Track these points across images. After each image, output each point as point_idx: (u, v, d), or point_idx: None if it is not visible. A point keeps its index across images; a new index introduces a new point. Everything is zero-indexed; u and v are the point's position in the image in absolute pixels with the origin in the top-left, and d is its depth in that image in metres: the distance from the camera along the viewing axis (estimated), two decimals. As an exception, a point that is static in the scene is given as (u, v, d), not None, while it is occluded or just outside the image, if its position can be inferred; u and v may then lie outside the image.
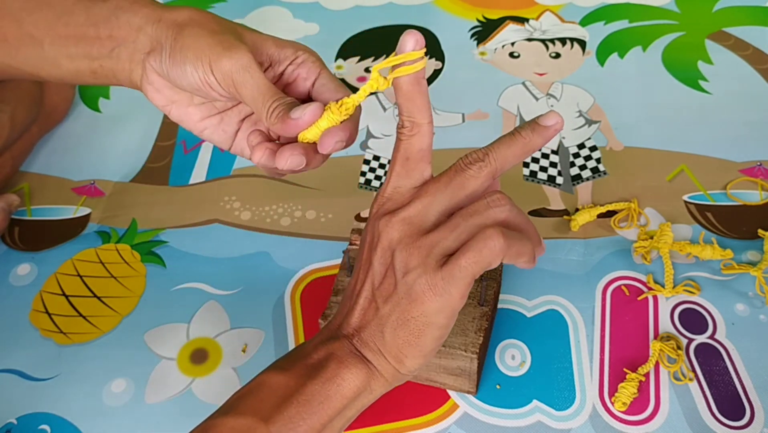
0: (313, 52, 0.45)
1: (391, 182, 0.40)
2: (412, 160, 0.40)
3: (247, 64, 0.40)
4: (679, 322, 0.55)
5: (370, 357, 0.39)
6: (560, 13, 0.83)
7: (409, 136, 0.39)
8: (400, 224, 0.38)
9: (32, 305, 0.58)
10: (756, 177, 0.64)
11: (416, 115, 0.39)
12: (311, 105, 0.39)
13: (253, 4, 0.86)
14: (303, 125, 0.39)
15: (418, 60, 0.38)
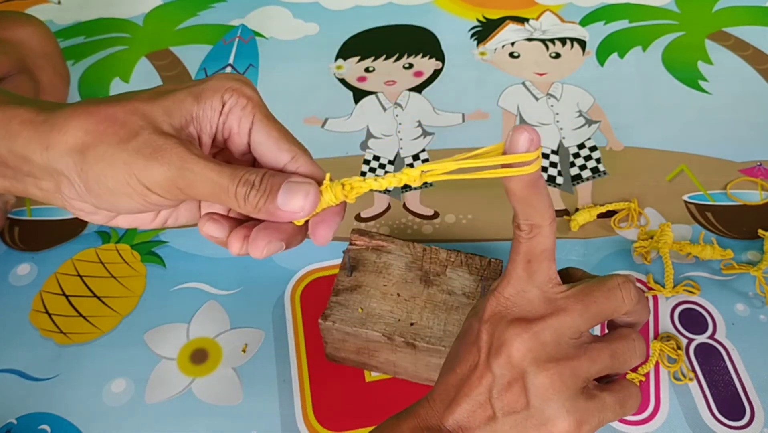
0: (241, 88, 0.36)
1: (512, 284, 0.36)
2: (535, 262, 0.36)
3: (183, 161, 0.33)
4: (679, 322, 0.55)
5: None
6: (560, 13, 0.83)
7: (528, 239, 0.35)
8: (535, 341, 0.35)
9: (32, 305, 0.58)
10: (756, 177, 0.64)
11: (535, 219, 0.35)
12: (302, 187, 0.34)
13: (253, 4, 0.86)
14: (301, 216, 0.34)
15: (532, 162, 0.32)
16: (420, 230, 0.62)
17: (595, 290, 0.36)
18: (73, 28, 0.84)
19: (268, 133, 0.36)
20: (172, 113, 0.34)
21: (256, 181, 0.34)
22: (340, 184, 0.34)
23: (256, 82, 0.77)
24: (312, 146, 0.72)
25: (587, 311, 0.35)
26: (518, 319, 0.35)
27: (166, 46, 0.81)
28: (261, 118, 0.36)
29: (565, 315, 0.35)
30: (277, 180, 0.34)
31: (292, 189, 0.34)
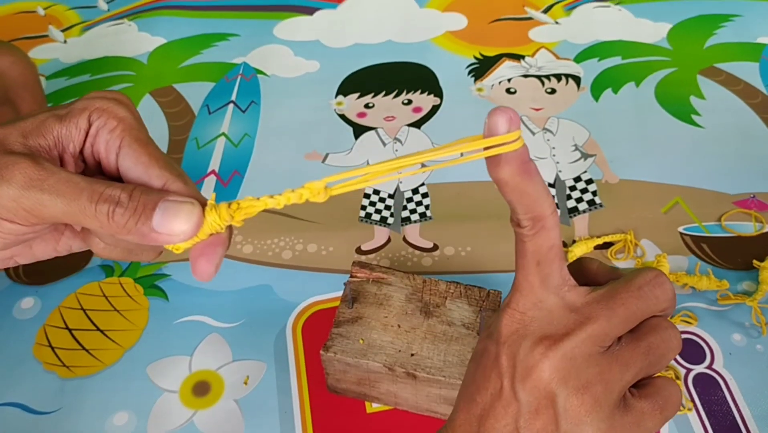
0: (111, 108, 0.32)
1: (525, 295, 0.32)
2: (545, 263, 0.32)
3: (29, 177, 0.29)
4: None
5: None
6: (555, 50, 0.85)
7: (532, 236, 0.31)
8: (563, 361, 0.31)
9: (36, 338, 0.59)
10: (750, 209, 0.65)
11: (535, 209, 0.31)
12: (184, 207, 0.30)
13: (255, 43, 0.88)
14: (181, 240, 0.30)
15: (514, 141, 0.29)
16: (420, 262, 0.63)
17: (622, 292, 0.32)
18: (78, 66, 0.86)
19: (136, 158, 0.32)
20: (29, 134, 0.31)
21: (123, 198, 0.30)
22: (227, 205, 0.30)
23: (258, 118, 0.78)
24: (313, 181, 0.73)
25: (616, 316, 0.31)
26: (542, 338, 0.31)
27: (170, 84, 0.83)
28: (130, 142, 0.32)
29: (592, 325, 0.31)
30: (152, 198, 0.30)
31: (171, 208, 0.30)
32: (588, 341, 0.31)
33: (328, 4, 0.94)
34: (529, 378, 0.31)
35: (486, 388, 0.33)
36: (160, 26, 0.91)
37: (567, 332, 0.31)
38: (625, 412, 0.31)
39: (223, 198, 0.69)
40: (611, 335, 0.31)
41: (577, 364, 0.31)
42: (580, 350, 0.31)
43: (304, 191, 0.30)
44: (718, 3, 0.90)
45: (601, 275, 0.34)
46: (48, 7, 0.96)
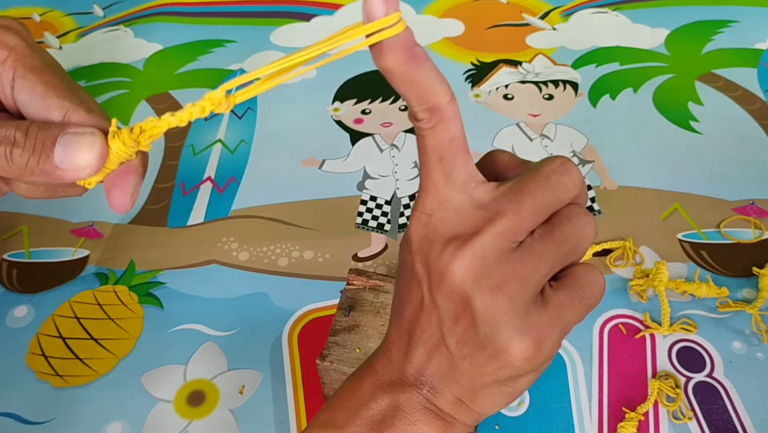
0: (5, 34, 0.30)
1: (431, 195, 0.30)
2: (448, 158, 0.29)
3: None
4: (677, 360, 0.55)
5: (448, 409, 0.32)
6: (552, 56, 0.84)
7: (430, 129, 0.29)
8: (473, 260, 0.29)
9: (29, 347, 0.58)
10: (749, 215, 0.65)
11: (429, 98, 0.28)
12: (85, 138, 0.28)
13: (251, 49, 0.88)
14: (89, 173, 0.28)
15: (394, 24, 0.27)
16: (417, 269, 0.62)
17: (530, 182, 0.29)
18: (74, 73, 0.85)
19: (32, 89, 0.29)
20: None
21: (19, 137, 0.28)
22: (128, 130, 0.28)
23: (255, 124, 0.78)
24: (310, 187, 0.73)
25: (525, 208, 0.29)
26: (450, 239, 0.29)
27: (166, 90, 0.82)
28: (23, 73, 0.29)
29: (501, 220, 0.29)
30: (51, 133, 0.28)
31: (71, 141, 0.28)
32: (498, 238, 0.29)
33: (325, 11, 0.94)
34: (443, 283, 0.30)
35: (409, 300, 0.32)
36: (157, 32, 0.91)
37: (476, 231, 0.29)
38: (543, 307, 0.30)
39: (221, 205, 0.69)
40: (522, 228, 0.29)
41: (488, 263, 0.29)
42: (491, 247, 0.29)
43: (206, 103, 0.28)
44: (715, 9, 0.90)
45: (511, 168, 0.32)
46: (44, 14, 0.96)
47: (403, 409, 0.31)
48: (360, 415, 0.32)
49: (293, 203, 0.69)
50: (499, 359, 0.30)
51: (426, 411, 0.32)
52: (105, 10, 0.95)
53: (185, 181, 0.72)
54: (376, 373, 0.33)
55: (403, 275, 0.32)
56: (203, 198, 0.70)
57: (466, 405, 0.32)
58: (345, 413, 0.32)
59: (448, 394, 0.31)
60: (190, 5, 0.96)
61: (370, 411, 0.32)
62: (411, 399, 0.31)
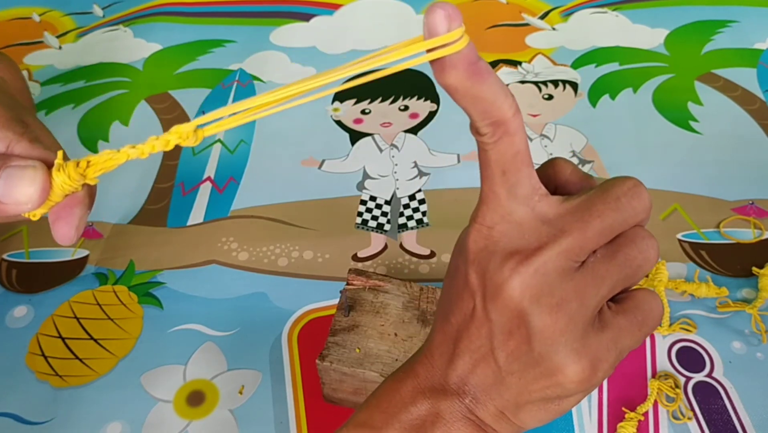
0: None
1: (492, 208, 0.29)
2: (511, 172, 0.29)
3: None
4: (677, 360, 0.55)
5: (489, 420, 0.31)
6: (552, 56, 0.84)
7: (494, 144, 0.28)
8: (535, 277, 0.28)
9: (29, 347, 0.58)
10: (748, 215, 0.65)
11: (493, 112, 0.27)
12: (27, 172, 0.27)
13: (251, 49, 0.88)
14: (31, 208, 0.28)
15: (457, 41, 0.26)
16: (417, 269, 0.62)
17: (599, 203, 0.29)
18: (73, 73, 0.85)
19: None
20: None
21: None
22: (75, 163, 0.28)
23: (254, 124, 0.78)
24: (310, 187, 0.73)
25: (592, 229, 0.28)
26: (511, 253, 0.29)
27: (166, 90, 0.82)
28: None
29: (566, 239, 0.28)
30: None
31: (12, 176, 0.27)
32: (561, 256, 0.28)
33: (325, 11, 0.94)
34: (499, 297, 0.29)
35: (460, 308, 0.31)
36: (156, 32, 0.91)
37: (539, 247, 0.28)
38: (601, 330, 0.29)
39: (221, 205, 0.69)
40: (586, 248, 0.29)
41: (549, 280, 0.28)
42: (553, 265, 0.28)
43: (171, 136, 0.27)
44: (715, 9, 0.90)
45: (573, 182, 0.31)
46: (43, 14, 0.95)
47: (443, 416, 0.31)
48: (398, 418, 0.31)
49: (293, 203, 0.69)
50: (551, 379, 0.29)
51: (467, 421, 0.31)
52: (104, 10, 0.95)
53: (185, 181, 0.72)
54: (417, 376, 0.32)
55: (454, 283, 0.32)
56: (203, 198, 0.70)
57: (508, 418, 0.31)
58: (383, 415, 0.31)
59: (491, 406, 0.31)
60: (189, 5, 0.96)
61: (409, 415, 0.31)
62: (452, 407, 0.31)
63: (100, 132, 0.78)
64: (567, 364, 0.28)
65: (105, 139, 0.77)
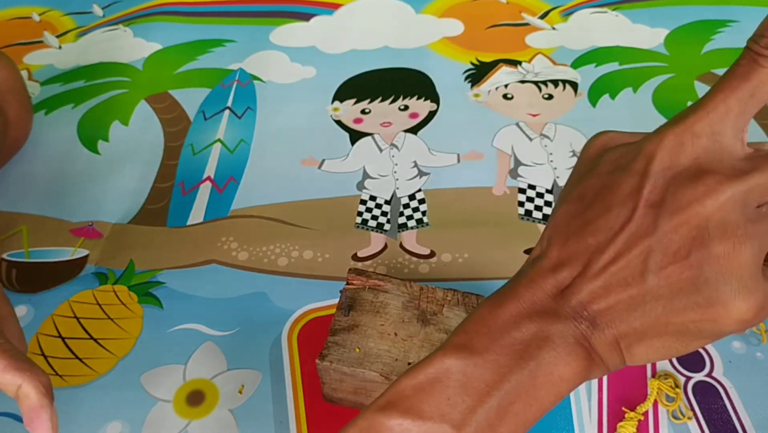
0: None
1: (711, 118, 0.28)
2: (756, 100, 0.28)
3: None
4: (677, 360, 0.55)
5: (601, 348, 0.30)
6: (552, 56, 0.84)
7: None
8: (730, 201, 0.27)
9: (28, 347, 0.58)
10: (748, 215, 0.65)
11: None
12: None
13: (251, 49, 0.88)
14: None
15: None
16: (417, 269, 0.62)
17: None
18: (73, 72, 0.85)
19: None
20: None
21: None
22: None
23: (254, 124, 0.78)
24: (309, 187, 0.74)
25: None
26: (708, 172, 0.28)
27: (166, 90, 0.82)
28: None
29: (761, 176, 0.28)
30: None
31: None
32: (752, 191, 0.28)
33: (325, 10, 0.94)
34: (683, 213, 0.27)
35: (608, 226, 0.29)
36: (156, 32, 0.91)
37: (734, 175, 0.28)
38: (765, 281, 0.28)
39: (221, 204, 0.69)
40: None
41: (739, 211, 0.27)
42: (744, 198, 0.27)
43: None
44: (715, 8, 0.90)
45: None
46: (43, 13, 0.95)
47: (552, 340, 0.29)
48: (500, 342, 0.29)
49: (293, 203, 0.69)
50: (708, 311, 0.28)
51: (578, 346, 0.29)
52: (104, 10, 0.95)
53: (185, 180, 0.72)
54: (520, 299, 0.30)
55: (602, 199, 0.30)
56: (203, 198, 0.70)
57: (620, 349, 0.30)
58: (483, 338, 0.30)
59: (609, 333, 0.29)
60: (189, 5, 0.96)
61: (512, 339, 0.29)
62: (565, 331, 0.29)
63: (100, 132, 0.78)
64: (736, 298, 0.27)
65: (105, 139, 0.77)
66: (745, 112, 0.28)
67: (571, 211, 0.31)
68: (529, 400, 0.29)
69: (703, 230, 0.27)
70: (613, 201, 0.29)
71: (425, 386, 0.29)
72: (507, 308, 0.30)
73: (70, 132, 0.78)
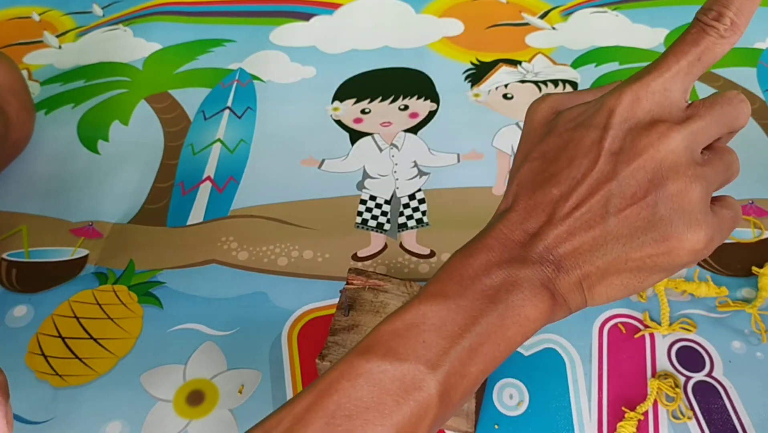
0: None
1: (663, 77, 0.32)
2: (702, 66, 0.32)
3: None
4: (677, 360, 0.55)
5: (564, 290, 0.32)
6: (552, 55, 0.84)
7: (719, 37, 0.31)
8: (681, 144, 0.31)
9: (28, 347, 0.58)
10: (748, 215, 0.65)
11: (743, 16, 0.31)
12: None
13: (251, 49, 0.88)
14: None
15: None
16: (417, 269, 0.62)
17: (719, 99, 0.33)
18: (73, 72, 0.85)
19: None
20: None
21: None
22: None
23: (254, 124, 0.78)
24: (309, 187, 0.74)
25: (718, 119, 0.32)
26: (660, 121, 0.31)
27: (165, 90, 0.82)
28: None
29: (702, 122, 0.31)
30: None
31: None
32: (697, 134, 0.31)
33: (325, 10, 0.94)
34: (639, 157, 0.31)
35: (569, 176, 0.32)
36: (156, 32, 0.91)
37: (681, 122, 0.31)
38: (714, 213, 0.32)
39: (220, 204, 0.69)
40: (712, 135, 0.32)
41: (689, 154, 0.31)
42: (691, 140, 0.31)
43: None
44: (715, 8, 0.90)
45: None
46: (43, 13, 0.95)
47: (520, 284, 0.31)
48: (472, 288, 0.32)
49: (293, 203, 0.69)
50: (664, 245, 0.31)
51: (543, 288, 0.32)
52: (104, 10, 0.95)
53: (185, 180, 0.72)
54: (490, 250, 0.33)
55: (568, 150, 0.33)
56: (203, 198, 0.70)
57: (583, 290, 0.32)
58: (455, 285, 0.32)
59: (573, 275, 0.32)
60: (189, 5, 0.96)
61: (483, 285, 0.32)
62: (532, 275, 0.32)
63: (99, 131, 0.78)
64: (689, 231, 0.30)
65: (105, 139, 0.77)
66: (692, 73, 0.32)
67: (535, 168, 0.34)
68: (497, 340, 0.31)
69: (657, 172, 0.31)
70: (576, 153, 0.32)
71: (401, 331, 0.31)
72: (478, 258, 0.32)
73: (70, 132, 0.78)
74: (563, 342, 0.56)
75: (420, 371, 0.30)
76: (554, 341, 0.56)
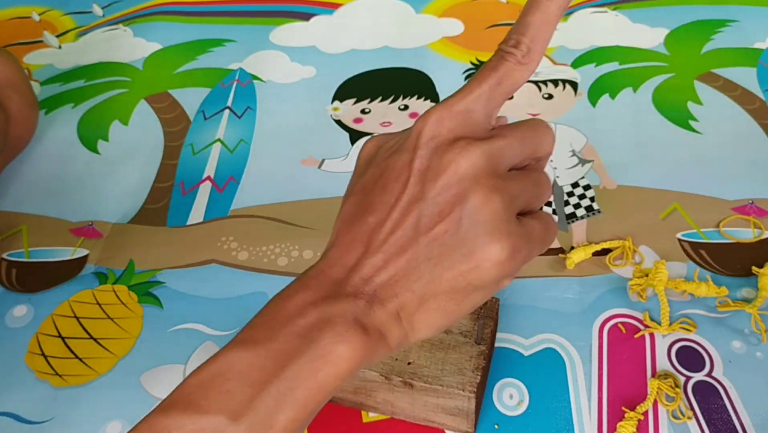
0: None
1: (468, 99, 0.33)
2: (503, 90, 0.33)
3: None
4: (677, 359, 0.55)
5: (379, 323, 0.31)
6: (552, 55, 0.84)
7: (516, 63, 0.33)
8: (480, 158, 0.31)
9: (28, 347, 0.58)
10: (748, 215, 0.65)
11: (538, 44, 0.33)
12: None
13: (251, 49, 0.88)
14: None
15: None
16: (416, 269, 0.62)
17: (526, 127, 0.34)
18: (73, 72, 0.86)
19: None
20: None
21: None
22: None
23: (254, 124, 0.78)
24: (309, 187, 0.74)
25: (521, 141, 0.34)
26: (461, 137, 0.32)
27: (165, 90, 0.82)
28: None
29: (504, 140, 0.33)
30: None
31: None
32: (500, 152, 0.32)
33: (325, 10, 0.94)
34: (443, 174, 0.31)
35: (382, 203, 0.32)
36: (156, 32, 0.91)
37: (483, 139, 0.32)
38: (520, 225, 0.32)
39: (220, 204, 0.69)
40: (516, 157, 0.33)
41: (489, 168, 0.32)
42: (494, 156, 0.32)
43: None
44: (714, 8, 0.90)
45: None
46: (43, 13, 0.95)
47: (332, 321, 0.30)
48: (283, 331, 0.30)
49: (293, 203, 0.69)
50: (471, 259, 0.31)
51: (354, 324, 0.30)
52: (104, 10, 0.95)
53: (184, 180, 0.72)
54: (307, 289, 0.32)
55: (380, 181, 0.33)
56: (202, 197, 0.70)
57: (401, 321, 0.32)
58: (267, 330, 0.30)
59: (390, 305, 0.31)
60: (189, 5, 0.96)
61: (296, 327, 0.30)
62: (344, 311, 0.31)
63: (99, 131, 0.78)
64: (492, 243, 0.31)
65: (105, 139, 0.77)
66: (494, 97, 0.33)
67: (355, 201, 0.34)
68: (309, 384, 0.29)
69: (460, 186, 0.31)
70: (389, 179, 0.33)
71: (206, 381, 0.29)
72: (294, 299, 0.31)
73: (70, 132, 0.78)
74: (563, 342, 0.56)
75: (221, 424, 0.28)
76: (554, 341, 0.56)
